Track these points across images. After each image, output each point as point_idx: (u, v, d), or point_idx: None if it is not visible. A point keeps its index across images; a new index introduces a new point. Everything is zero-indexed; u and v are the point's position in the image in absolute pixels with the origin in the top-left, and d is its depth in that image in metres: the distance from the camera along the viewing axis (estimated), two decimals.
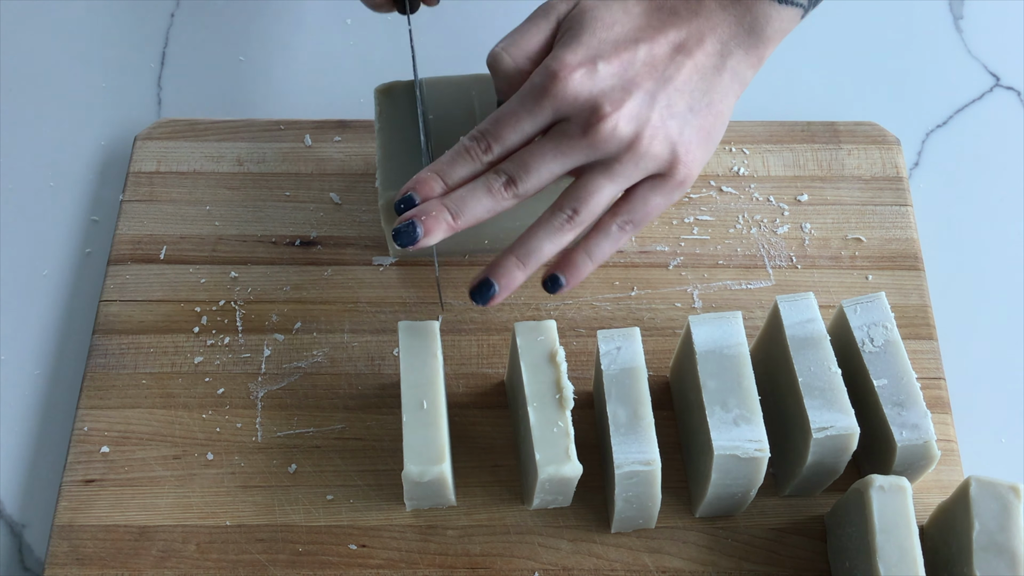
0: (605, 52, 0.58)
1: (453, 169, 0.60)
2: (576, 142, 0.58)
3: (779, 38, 0.61)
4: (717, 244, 0.75)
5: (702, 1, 0.60)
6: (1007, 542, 0.56)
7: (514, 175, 0.59)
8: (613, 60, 0.58)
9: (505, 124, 0.59)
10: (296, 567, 0.64)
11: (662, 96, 0.58)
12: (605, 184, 0.59)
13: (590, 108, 0.57)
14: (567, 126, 0.58)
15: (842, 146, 0.79)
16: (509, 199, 0.59)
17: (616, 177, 0.59)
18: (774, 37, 0.60)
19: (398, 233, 0.59)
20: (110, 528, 0.65)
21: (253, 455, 0.67)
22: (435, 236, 0.59)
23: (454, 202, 0.59)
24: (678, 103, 0.59)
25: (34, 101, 0.84)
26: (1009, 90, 0.85)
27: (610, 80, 0.58)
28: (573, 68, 0.57)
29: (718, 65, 0.60)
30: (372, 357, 0.71)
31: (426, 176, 0.60)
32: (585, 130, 0.57)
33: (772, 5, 0.60)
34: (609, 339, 0.63)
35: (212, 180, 0.78)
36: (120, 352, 0.71)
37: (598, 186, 0.59)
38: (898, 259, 0.75)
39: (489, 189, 0.59)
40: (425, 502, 0.65)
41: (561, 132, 0.58)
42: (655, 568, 0.64)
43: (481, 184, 0.59)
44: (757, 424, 0.60)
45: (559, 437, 0.59)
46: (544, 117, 0.58)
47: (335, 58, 0.86)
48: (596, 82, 0.57)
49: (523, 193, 0.59)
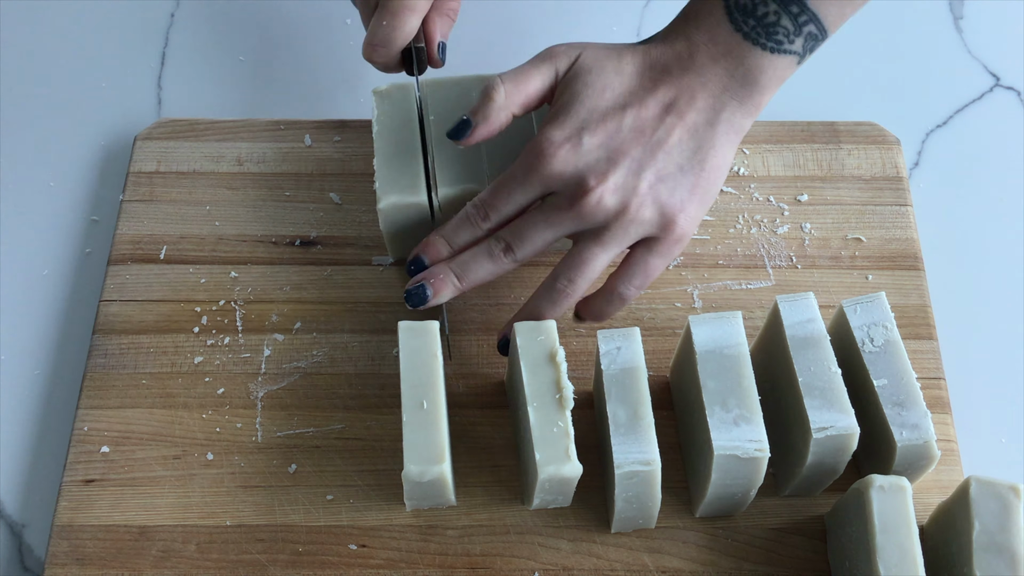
0: (591, 124, 0.61)
1: (457, 235, 0.65)
2: (564, 214, 0.61)
3: (776, 85, 0.62)
4: (717, 244, 0.75)
5: (693, 57, 0.61)
6: (1007, 542, 0.56)
7: (511, 243, 0.63)
8: (599, 131, 0.61)
9: (500, 196, 0.63)
10: (296, 567, 0.64)
11: (649, 161, 0.61)
12: (598, 252, 0.63)
13: (575, 183, 0.61)
14: (556, 199, 0.62)
15: (842, 146, 0.79)
16: (508, 263, 0.64)
17: (607, 245, 0.62)
18: (769, 85, 0.62)
19: (409, 295, 0.65)
20: (110, 528, 0.65)
21: (253, 455, 0.67)
22: (443, 296, 0.65)
23: (459, 266, 0.64)
24: (668, 166, 0.61)
25: (34, 101, 0.84)
26: (1009, 90, 0.85)
27: (595, 153, 0.61)
28: (559, 145, 0.61)
29: (711, 120, 0.61)
30: (372, 357, 0.71)
31: (433, 240, 0.65)
32: (572, 203, 0.61)
33: (764, 55, 0.61)
34: (609, 339, 0.63)
35: (212, 180, 0.78)
36: (120, 352, 0.71)
37: (591, 255, 0.63)
38: (898, 259, 0.75)
39: (490, 254, 0.64)
40: (425, 502, 0.65)
41: (551, 205, 0.62)
42: (655, 568, 0.64)
43: (483, 250, 0.64)
44: (757, 424, 0.60)
45: (559, 437, 0.59)
46: (534, 191, 0.62)
47: (335, 58, 0.86)
48: (580, 156, 0.61)
49: (520, 258, 0.64)
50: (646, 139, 0.61)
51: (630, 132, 0.61)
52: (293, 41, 0.87)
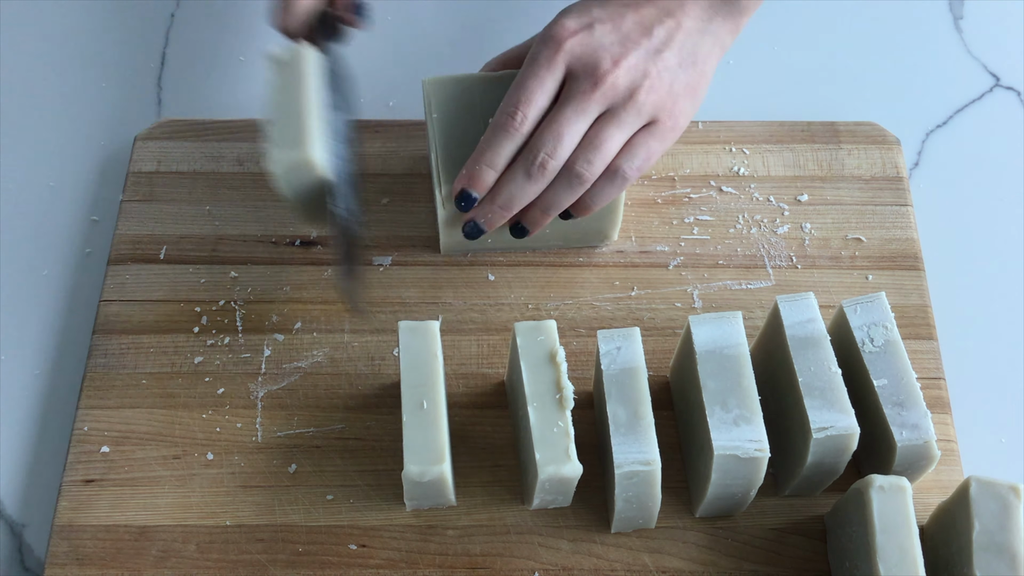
0: (600, 19, 0.65)
1: (498, 153, 0.65)
2: (589, 96, 0.64)
3: (753, 8, 0.69)
4: (717, 244, 0.75)
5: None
6: (1007, 542, 0.56)
7: (549, 151, 0.65)
8: (607, 23, 0.65)
9: (531, 87, 0.65)
10: (296, 567, 0.64)
11: (654, 52, 0.65)
12: (614, 132, 0.65)
13: (594, 63, 0.64)
14: (577, 85, 0.65)
15: (842, 146, 0.79)
16: (548, 175, 0.65)
17: (621, 125, 0.65)
18: (748, 8, 0.68)
19: (466, 232, 0.68)
20: (110, 528, 0.65)
21: (253, 455, 0.67)
22: (496, 226, 0.68)
23: (503, 199, 0.66)
24: (669, 60, 0.66)
25: (34, 101, 0.84)
26: (1009, 90, 0.85)
27: (608, 38, 0.65)
28: (574, 31, 0.65)
29: (702, 29, 0.67)
30: (372, 357, 0.71)
31: (476, 169, 0.66)
32: (595, 83, 0.64)
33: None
34: (609, 339, 0.63)
35: (212, 180, 0.78)
36: (120, 352, 0.71)
37: (608, 135, 0.65)
38: (898, 259, 0.75)
39: (529, 175, 0.65)
40: (425, 502, 0.65)
41: (573, 93, 0.65)
42: (655, 568, 0.64)
43: (521, 173, 0.65)
44: (757, 424, 0.60)
45: (559, 437, 0.59)
46: (560, 71, 0.65)
47: None
48: (596, 38, 0.65)
49: (557, 164, 0.65)
50: (649, 35, 0.65)
51: (635, 27, 0.65)
52: None
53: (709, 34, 0.67)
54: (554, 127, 0.64)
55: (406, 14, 0.88)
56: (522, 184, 0.65)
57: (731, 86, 0.82)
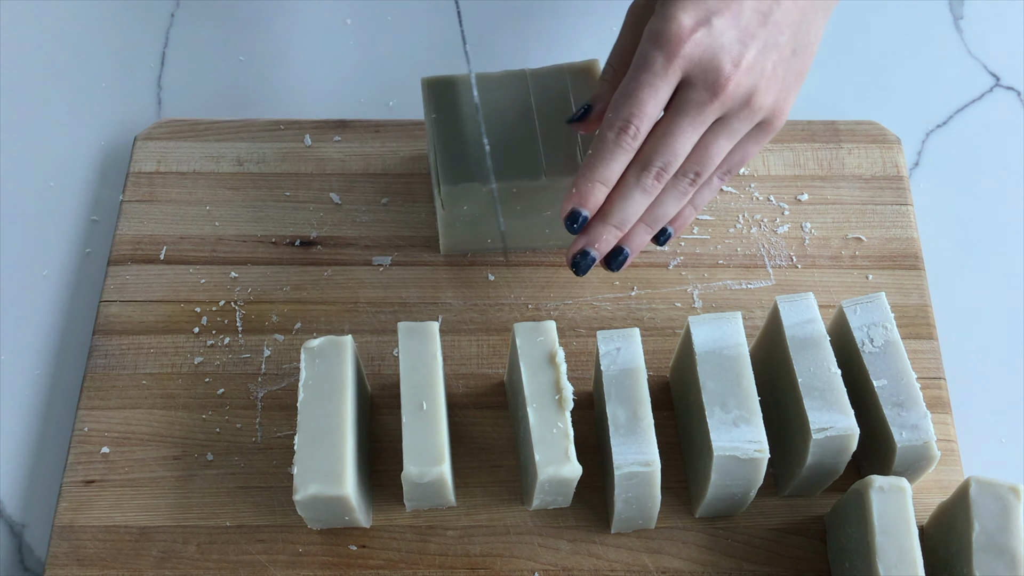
0: (717, 7, 0.59)
1: (609, 169, 0.60)
2: (707, 106, 0.59)
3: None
4: (717, 244, 0.75)
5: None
6: (1007, 542, 0.56)
7: (663, 164, 0.60)
8: (726, 13, 0.58)
9: (644, 99, 0.59)
10: (296, 567, 0.64)
11: (772, 42, 0.59)
12: (723, 142, 0.61)
13: (714, 67, 0.58)
14: (693, 94, 0.59)
15: (842, 145, 0.79)
16: (659, 188, 0.61)
17: (734, 133, 0.61)
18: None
19: (576, 265, 0.62)
20: (110, 529, 0.65)
21: (253, 455, 0.67)
22: (607, 251, 0.63)
23: (616, 217, 0.61)
24: (786, 47, 0.60)
25: (34, 101, 0.84)
26: (1009, 90, 0.85)
27: (727, 34, 0.58)
28: (692, 28, 0.58)
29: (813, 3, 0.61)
30: (372, 357, 0.71)
31: (587, 187, 0.61)
32: (714, 93, 0.58)
33: None
34: (609, 339, 0.63)
35: (212, 180, 0.78)
36: (120, 352, 0.71)
37: (718, 146, 0.61)
38: (898, 259, 0.75)
39: (643, 189, 0.61)
40: (425, 503, 0.65)
41: (689, 102, 0.59)
42: (655, 568, 0.64)
43: (635, 187, 0.61)
44: (757, 425, 0.60)
45: (559, 438, 0.59)
46: (674, 78, 0.59)
47: (335, 58, 0.86)
48: (715, 38, 0.58)
49: (670, 176, 0.61)
50: (769, 20, 0.59)
51: (753, 13, 0.59)
52: (293, 41, 0.87)
53: (819, 5, 0.62)
54: (669, 140, 0.60)
55: (406, 14, 0.88)
56: (637, 199, 0.61)
57: None
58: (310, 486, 0.58)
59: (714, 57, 0.58)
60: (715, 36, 0.58)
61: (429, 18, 0.88)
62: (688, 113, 0.59)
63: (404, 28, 0.88)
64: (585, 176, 0.61)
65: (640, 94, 0.59)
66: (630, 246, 0.64)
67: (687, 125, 0.59)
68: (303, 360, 0.62)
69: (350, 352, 0.63)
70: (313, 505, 0.59)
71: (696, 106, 0.59)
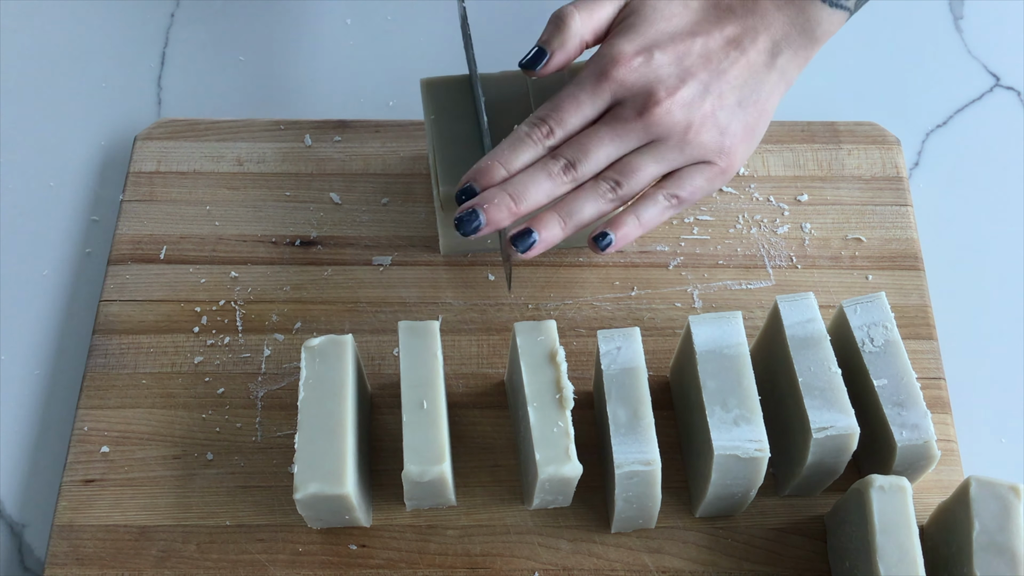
0: (662, 42, 0.61)
1: (514, 156, 0.62)
2: (631, 125, 0.61)
3: (825, 39, 0.63)
4: (717, 244, 0.75)
5: (758, 1, 0.62)
6: (1007, 542, 0.56)
7: (573, 159, 0.61)
8: (669, 50, 0.61)
9: (567, 108, 0.61)
10: (296, 567, 0.64)
11: (715, 87, 0.61)
12: (650, 163, 0.62)
13: (646, 93, 0.60)
14: (622, 110, 0.61)
15: (842, 146, 0.79)
16: (568, 183, 0.62)
17: (661, 159, 0.62)
18: (822, 39, 0.63)
19: (460, 221, 0.61)
20: (110, 528, 0.65)
21: (253, 455, 0.67)
22: (497, 223, 0.61)
23: (514, 187, 0.61)
24: (729, 96, 0.61)
25: (34, 101, 0.84)
26: (1009, 90, 0.85)
27: (666, 68, 0.61)
28: (631, 56, 0.61)
29: (768, 63, 0.62)
30: (372, 357, 0.71)
31: (487, 164, 0.62)
32: (640, 113, 0.60)
33: (823, 8, 0.62)
34: (609, 339, 0.63)
35: (212, 180, 0.78)
36: (120, 352, 0.71)
37: (643, 164, 0.62)
38: (898, 259, 0.75)
39: (549, 173, 0.61)
40: (425, 502, 0.65)
41: (616, 116, 0.61)
42: (655, 568, 0.64)
43: (540, 169, 0.61)
44: (757, 424, 0.60)
45: (559, 437, 0.59)
46: (603, 100, 0.61)
47: (335, 58, 0.86)
48: (652, 69, 0.61)
49: (580, 176, 0.61)
50: (712, 66, 0.61)
51: (698, 57, 0.61)
52: (293, 41, 0.87)
53: (776, 70, 0.63)
54: (584, 139, 0.61)
55: (406, 14, 0.88)
56: (540, 180, 0.61)
57: None
58: (310, 485, 0.58)
59: (648, 84, 0.60)
60: (653, 67, 0.61)
61: (429, 18, 0.88)
62: (610, 124, 0.61)
63: (404, 28, 0.88)
64: (486, 157, 0.62)
65: (563, 103, 0.61)
66: (541, 233, 0.62)
67: (605, 133, 0.61)
68: (303, 359, 0.62)
69: (350, 351, 0.63)
70: (313, 504, 0.59)
71: (620, 120, 0.61)
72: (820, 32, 0.63)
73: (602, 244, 0.64)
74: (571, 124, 0.62)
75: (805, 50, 0.63)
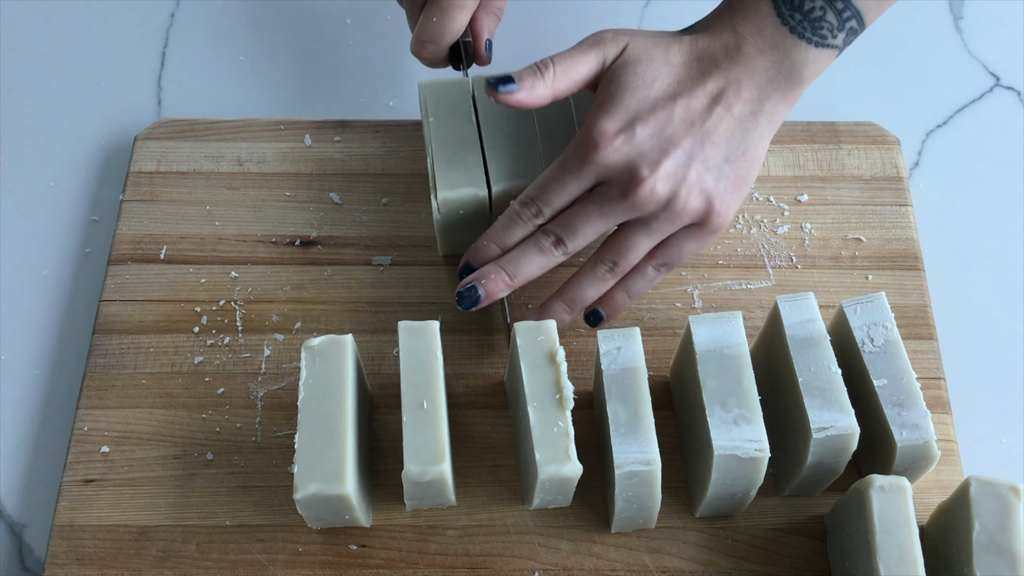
0: (643, 114, 0.62)
1: (507, 235, 0.65)
2: (617, 204, 0.62)
3: (814, 78, 0.63)
4: (717, 244, 0.75)
5: (740, 48, 0.62)
6: (1007, 542, 0.56)
7: (562, 235, 0.64)
8: (650, 121, 0.61)
9: (552, 190, 0.64)
10: (296, 567, 0.64)
11: (699, 152, 0.62)
12: (643, 239, 0.64)
13: (629, 173, 0.61)
14: (608, 189, 0.63)
15: (842, 146, 0.79)
16: (559, 256, 0.65)
17: (653, 232, 0.64)
18: (810, 78, 0.63)
19: (462, 297, 0.65)
20: (110, 528, 0.65)
21: (253, 455, 0.67)
22: (494, 296, 0.65)
23: (509, 263, 0.65)
24: (714, 156, 0.62)
25: (34, 101, 0.84)
26: (1009, 90, 0.85)
27: (648, 143, 0.61)
28: (613, 136, 0.61)
29: (755, 111, 0.62)
30: (372, 356, 0.71)
31: (483, 245, 0.66)
32: (625, 193, 0.62)
33: (809, 49, 0.62)
34: (609, 339, 0.63)
35: (212, 180, 0.78)
36: (120, 352, 0.71)
37: (636, 241, 0.64)
38: (898, 259, 0.75)
39: (540, 249, 0.64)
40: (425, 502, 0.65)
41: (602, 195, 0.63)
42: (655, 568, 0.64)
43: (532, 245, 0.65)
44: (757, 424, 0.60)
45: (559, 437, 0.59)
46: (587, 181, 0.63)
47: (335, 58, 0.86)
48: (634, 146, 0.61)
49: (571, 251, 0.64)
50: (696, 129, 0.62)
51: (681, 123, 0.61)
52: (293, 41, 0.87)
53: (764, 115, 0.63)
54: (571, 216, 0.63)
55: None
56: (532, 254, 0.64)
57: None
58: (310, 485, 0.58)
59: (631, 163, 0.61)
60: (635, 144, 0.61)
61: None
62: (597, 202, 0.63)
63: (404, 28, 0.87)
64: (482, 237, 0.66)
65: (549, 185, 0.64)
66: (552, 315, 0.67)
67: (593, 210, 0.63)
68: (303, 359, 0.62)
69: (350, 351, 0.63)
70: (313, 504, 0.59)
71: (607, 200, 0.63)
72: (807, 73, 0.62)
73: (594, 323, 0.68)
74: (558, 204, 0.64)
75: (793, 91, 0.63)
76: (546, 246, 0.64)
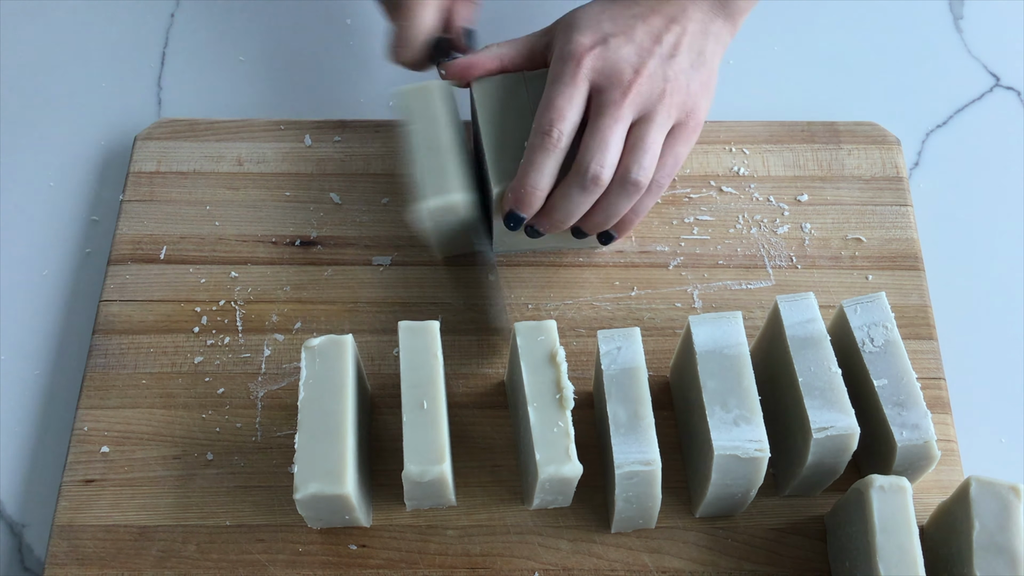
0: (610, 32, 0.66)
1: (539, 172, 0.65)
2: (621, 103, 0.64)
3: (747, 11, 0.71)
4: (717, 244, 0.75)
5: None
6: (1007, 542, 0.56)
7: (594, 164, 0.64)
8: (620, 36, 0.66)
9: (558, 104, 0.65)
10: (296, 567, 0.64)
11: (669, 57, 0.66)
12: (654, 132, 0.65)
13: (618, 73, 0.65)
14: (607, 96, 0.65)
15: (842, 146, 0.79)
16: (602, 186, 0.65)
17: (659, 125, 0.66)
18: (743, 9, 0.70)
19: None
20: (110, 528, 0.65)
21: (253, 455, 0.67)
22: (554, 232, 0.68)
23: (560, 215, 0.66)
24: (683, 63, 0.67)
25: (34, 101, 0.84)
26: (1009, 90, 0.85)
27: (623, 50, 0.66)
28: (590, 47, 0.66)
29: (704, 31, 0.69)
30: (372, 357, 0.71)
31: (523, 193, 0.65)
32: (625, 92, 0.65)
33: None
34: (609, 339, 0.63)
35: (212, 180, 0.78)
36: (120, 352, 0.71)
37: (652, 138, 0.65)
38: (898, 259, 0.75)
39: (584, 188, 0.65)
40: (425, 502, 0.65)
41: (605, 104, 0.65)
42: (655, 568, 0.64)
43: (575, 189, 0.65)
44: (757, 424, 0.60)
45: (559, 437, 0.59)
46: (584, 86, 0.65)
47: (335, 58, 0.86)
48: (613, 51, 0.66)
49: (609, 174, 0.65)
50: (661, 41, 0.67)
51: (647, 36, 0.66)
52: (293, 41, 0.87)
53: (711, 35, 0.69)
54: (598, 136, 0.64)
55: None
56: (578, 200, 0.65)
57: (731, 86, 0.82)
58: (310, 485, 0.58)
59: (615, 66, 0.65)
60: (612, 51, 0.66)
61: None
62: (606, 112, 0.65)
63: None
64: (519, 182, 0.65)
65: (555, 101, 0.65)
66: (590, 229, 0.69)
67: (609, 121, 0.64)
68: (304, 359, 0.62)
69: (351, 351, 0.63)
70: (313, 504, 0.59)
71: (611, 105, 0.65)
72: (741, 5, 0.70)
73: (606, 242, 0.70)
74: (571, 117, 0.65)
75: (732, 19, 0.70)
76: (588, 184, 0.65)
